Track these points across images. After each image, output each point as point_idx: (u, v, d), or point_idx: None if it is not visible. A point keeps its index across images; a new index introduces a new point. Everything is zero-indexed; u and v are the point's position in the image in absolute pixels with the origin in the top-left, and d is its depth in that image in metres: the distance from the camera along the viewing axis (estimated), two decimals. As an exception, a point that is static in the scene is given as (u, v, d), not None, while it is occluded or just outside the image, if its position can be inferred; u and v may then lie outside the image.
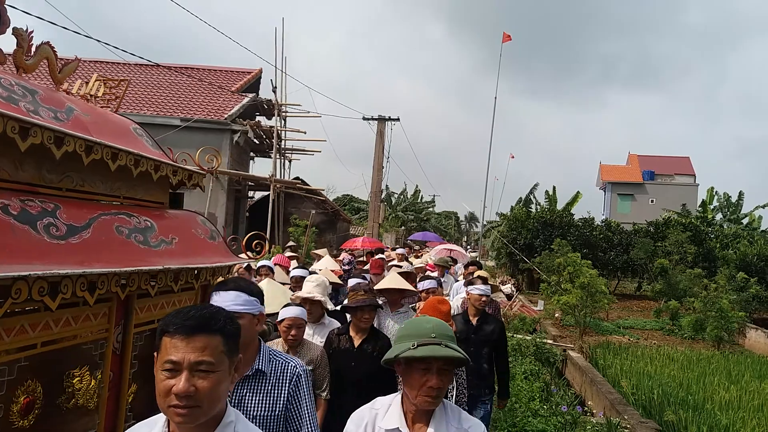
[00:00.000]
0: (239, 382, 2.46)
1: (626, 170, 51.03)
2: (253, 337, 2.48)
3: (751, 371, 10.58)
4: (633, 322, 16.50)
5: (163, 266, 2.27)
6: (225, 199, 18.45)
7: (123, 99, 3.17)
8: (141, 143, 2.72)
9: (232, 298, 2.36)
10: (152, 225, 2.44)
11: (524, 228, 24.58)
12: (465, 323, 5.29)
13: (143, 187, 2.69)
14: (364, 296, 4.18)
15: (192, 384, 1.55)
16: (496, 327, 5.38)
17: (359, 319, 4.13)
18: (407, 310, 5.50)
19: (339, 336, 4.22)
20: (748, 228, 30.29)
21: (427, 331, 2.05)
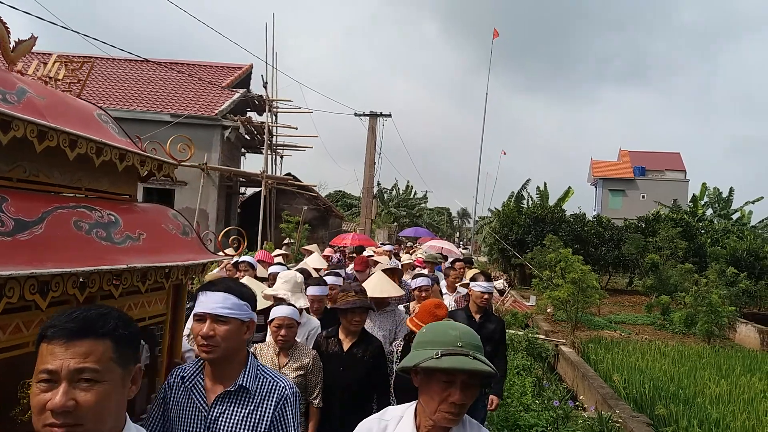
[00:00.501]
0: (219, 397, 2.19)
1: (617, 166, 51.21)
2: (240, 346, 2.23)
3: (741, 365, 10.63)
4: (624, 317, 16.55)
5: (128, 265, 2.06)
6: (216, 195, 18.37)
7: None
8: (106, 131, 2.50)
9: (219, 301, 2.16)
10: (117, 219, 2.23)
11: (516, 224, 24.62)
12: (468, 320, 5.12)
13: (108, 178, 2.48)
14: (354, 297, 3.97)
15: (71, 397, 1.31)
16: (499, 326, 5.30)
17: (349, 321, 3.93)
18: (394, 308, 5.32)
19: (327, 339, 4.03)
20: (738, 223, 30.48)
21: (452, 338, 1.82)
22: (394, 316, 5.17)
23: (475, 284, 5.36)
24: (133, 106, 18.37)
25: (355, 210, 40.65)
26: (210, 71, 22.04)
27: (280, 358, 3.68)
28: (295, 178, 23.36)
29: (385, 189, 47.96)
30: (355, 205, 41.39)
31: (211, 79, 20.82)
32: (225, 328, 2.13)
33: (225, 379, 2.19)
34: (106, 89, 19.40)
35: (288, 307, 3.72)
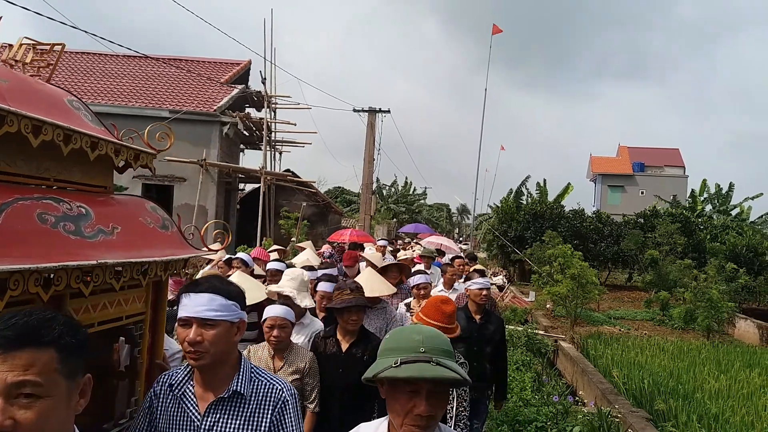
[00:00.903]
0: (212, 404, 2.04)
1: (616, 162, 51.23)
2: (230, 349, 2.08)
3: (740, 360, 10.64)
4: (624, 313, 16.57)
5: (98, 260, 1.89)
6: (215, 191, 18.36)
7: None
8: (77, 117, 2.32)
9: (205, 302, 1.99)
10: (88, 212, 2.05)
11: (515, 220, 24.62)
12: (467, 320, 4.97)
13: (80, 168, 2.30)
14: (350, 296, 3.82)
15: (9, 416, 1.17)
16: (499, 326, 5.17)
17: (346, 321, 3.77)
18: (385, 305, 5.17)
19: (325, 339, 3.89)
20: (737, 219, 30.48)
21: (415, 344, 1.67)
22: (386, 313, 5.05)
23: (470, 282, 5.25)
24: (132, 102, 18.33)
25: (354, 206, 40.64)
26: (208, 67, 21.99)
27: (275, 361, 3.55)
28: (294, 174, 23.34)
29: (384, 185, 48.00)
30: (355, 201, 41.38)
31: (210, 75, 20.77)
32: (213, 332, 1.98)
33: (217, 385, 2.05)
34: (105, 85, 19.36)
35: (282, 306, 3.58)
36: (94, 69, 20.76)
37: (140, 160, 2.65)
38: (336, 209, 27.68)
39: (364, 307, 3.87)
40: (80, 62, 21.29)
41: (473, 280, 5.22)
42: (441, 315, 3.51)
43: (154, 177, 18.12)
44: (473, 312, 5.13)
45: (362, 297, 3.90)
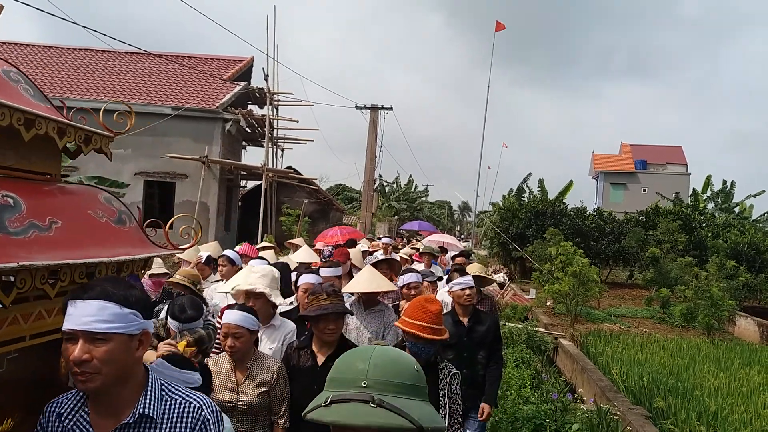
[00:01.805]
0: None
1: (619, 159, 51.20)
2: (132, 366, 1.71)
3: (740, 359, 10.66)
4: (624, 311, 16.58)
5: (19, 262, 1.57)
6: (217, 188, 18.40)
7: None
8: (13, 90, 2.02)
9: (94, 312, 1.60)
10: (17, 203, 1.76)
11: (516, 217, 24.63)
12: (455, 325, 4.59)
13: (14, 152, 1.98)
14: (327, 302, 3.38)
15: None
16: (491, 325, 4.74)
17: (322, 330, 3.33)
18: (384, 308, 4.78)
19: (299, 351, 3.45)
20: (739, 217, 30.45)
21: (357, 375, 1.27)
22: (383, 317, 4.68)
23: (452, 284, 4.84)
24: (135, 98, 18.35)
25: (356, 203, 40.66)
26: (211, 64, 22.02)
27: (237, 374, 3.20)
28: (296, 171, 23.38)
29: (386, 182, 47.99)
30: (356, 199, 41.39)
31: (212, 72, 20.80)
32: (105, 349, 1.60)
33: (119, 410, 1.69)
34: (108, 82, 19.39)
35: (238, 313, 3.19)
36: (96, 66, 20.80)
37: (93, 143, 2.33)
38: (338, 206, 27.72)
39: (342, 314, 3.46)
40: (83, 59, 21.33)
41: (454, 281, 4.83)
42: (426, 314, 3.19)
43: (156, 174, 18.17)
44: (460, 315, 4.73)
45: (341, 303, 3.48)
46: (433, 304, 3.29)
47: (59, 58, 21.20)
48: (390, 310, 4.81)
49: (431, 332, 3.16)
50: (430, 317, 3.19)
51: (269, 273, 4.00)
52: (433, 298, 3.48)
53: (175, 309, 3.40)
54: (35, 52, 21.57)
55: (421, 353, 3.15)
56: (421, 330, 3.15)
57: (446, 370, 3.30)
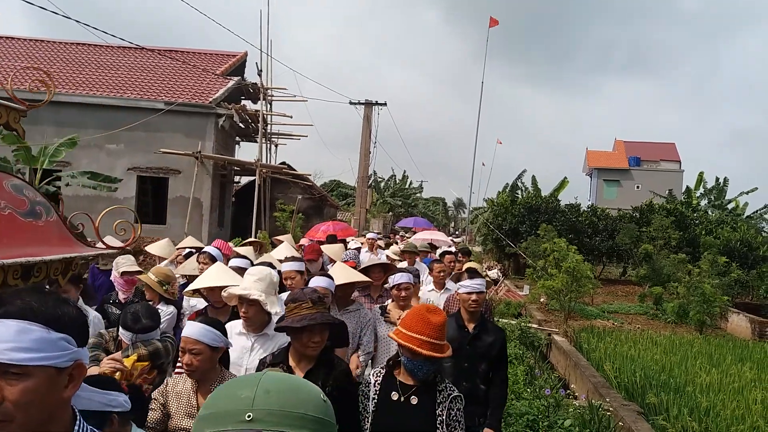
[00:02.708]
0: None
1: (612, 156, 51.33)
2: (54, 412, 1.26)
3: (732, 355, 10.71)
4: (617, 307, 16.62)
5: None
6: (210, 184, 18.32)
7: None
8: None
9: (10, 336, 1.17)
10: None
11: (510, 213, 24.65)
12: (459, 330, 4.18)
13: None
14: (312, 310, 2.89)
15: None
16: (498, 339, 4.20)
17: (305, 344, 2.85)
18: (359, 307, 4.47)
19: (273, 368, 2.97)
20: (732, 214, 30.56)
21: (240, 406, 1.00)
22: (359, 316, 4.36)
23: (460, 285, 4.44)
24: (127, 93, 18.25)
25: (350, 200, 40.62)
26: (204, 59, 21.91)
27: (200, 397, 2.76)
28: (290, 167, 23.30)
29: (380, 178, 47.97)
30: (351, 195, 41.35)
31: (206, 67, 20.69)
32: (21, 387, 1.18)
33: None
34: (100, 77, 19.26)
35: (201, 326, 2.79)
36: (89, 60, 20.66)
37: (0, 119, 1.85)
38: (332, 202, 27.66)
39: (329, 324, 2.95)
40: (75, 53, 21.18)
41: (463, 282, 4.40)
42: (427, 327, 2.77)
43: (149, 170, 18.09)
44: (465, 320, 4.27)
45: (327, 312, 3.02)
46: (436, 315, 2.85)
47: (51, 52, 21.05)
48: (365, 310, 4.51)
49: (431, 348, 2.75)
50: (431, 330, 2.78)
51: (267, 277, 3.58)
52: (436, 308, 2.97)
53: (127, 317, 3.06)
54: (27, 46, 21.41)
55: (418, 371, 2.82)
56: (420, 345, 2.75)
57: (446, 392, 2.87)
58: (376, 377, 2.99)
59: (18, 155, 11.64)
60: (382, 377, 2.98)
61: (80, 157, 16.83)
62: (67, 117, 17.37)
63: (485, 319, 4.37)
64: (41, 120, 17.22)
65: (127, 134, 17.28)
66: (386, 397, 2.89)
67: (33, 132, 15.15)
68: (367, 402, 2.93)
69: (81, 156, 16.82)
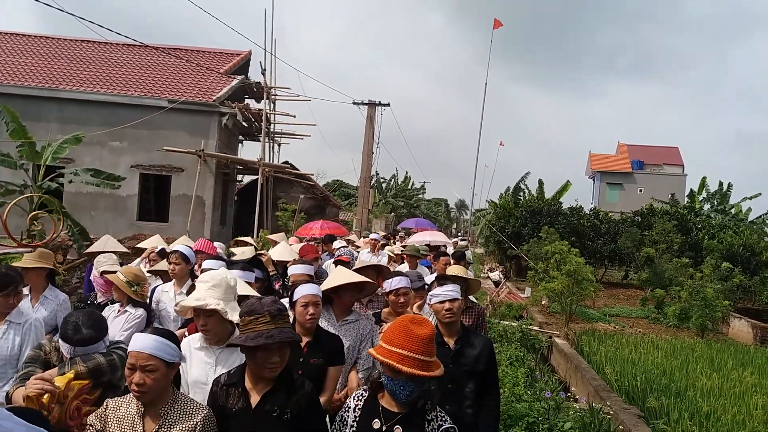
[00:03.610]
0: None
1: (615, 159, 51.28)
2: None
3: (733, 359, 10.68)
4: (619, 310, 16.60)
5: None
6: (213, 182, 18.33)
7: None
8: None
9: None
10: None
11: (512, 216, 24.64)
12: (438, 347, 3.33)
13: None
14: (270, 325, 2.49)
15: None
16: (484, 350, 3.57)
17: (261, 365, 2.48)
18: (359, 317, 3.96)
19: (227, 389, 2.60)
20: (735, 219, 30.50)
21: None
22: (359, 327, 3.89)
23: (430, 295, 3.72)
24: (131, 91, 18.27)
25: (352, 200, 40.61)
26: (208, 57, 21.92)
27: (147, 422, 2.38)
28: (293, 166, 23.31)
29: (383, 179, 47.98)
30: (353, 195, 41.34)
31: (210, 65, 20.71)
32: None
33: None
34: (104, 74, 19.29)
35: (154, 338, 2.38)
36: (93, 57, 20.69)
37: None
38: (334, 202, 27.67)
39: (291, 342, 2.55)
40: (80, 50, 21.21)
41: (432, 291, 3.71)
42: (410, 340, 2.37)
43: (152, 167, 18.10)
44: (444, 335, 3.60)
45: (287, 328, 2.59)
46: (422, 327, 2.43)
47: (56, 49, 21.08)
48: (366, 320, 4.03)
49: (415, 365, 2.33)
50: (415, 344, 2.36)
51: (222, 282, 3.14)
52: (422, 318, 2.56)
53: (67, 326, 2.71)
54: (32, 43, 21.45)
55: (400, 393, 2.40)
56: (400, 360, 2.34)
57: (436, 423, 2.47)
58: (356, 401, 2.59)
59: (22, 151, 11.67)
60: (363, 401, 2.57)
61: (83, 154, 16.86)
62: (71, 113, 17.40)
63: (467, 329, 3.73)
64: (45, 117, 17.29)
65: (130, 132, 17.30)
66: (367, 426, 2.47)
67: (37, 128, 15.24)
68: (345, 429, 2.54)
69: (84, 153, 16.85)
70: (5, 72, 18.35)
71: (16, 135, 11.45)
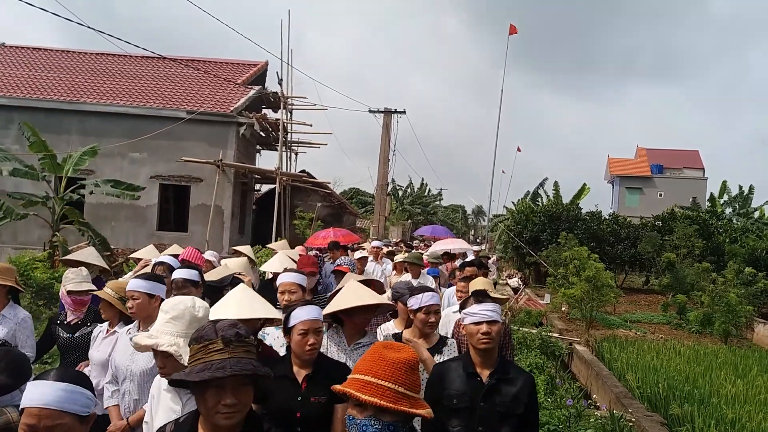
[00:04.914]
0: None
1: (635, 164, 50.82)
2: None
3: (758, 365, 10.50)
4: (640, 316, 16.41)
5: None
6: (231, 192, 18.48)
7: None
8: None
9: None
10: None
11: (530, 221, 24.51)
12: (467, 379, 2.86)
13: None
14: (223, 354, 1.86)
15: None
16: (525, 387, 2.87)
17: (211, 408, 1.83)
18: (371, 340, 3.44)
19: None
20: (757, 222, 30.07)
21: None
22: None
23: (464, 314, 3.03)
24: (150, 102, 18.51)
25: (369, 207, 40.67)
26: (226, 68, 22.15)
27: None
28: (310, 175, 23.43)
29: (399, 186, 48.01)
30: (370, 203, 41.40)
31: (227, 76, 20.92)
32: None
33: None
34: (124, 86, 19.57)
35: (62, 386, 1.79)
36: (112, 70, 21.01)
37: None
38: (351, 210, 27.73)
39: (256, 378, 1.92)
40: (99, 63, 21.55)
41: (469, 309, 2.99)
42: (378, 365, 1.83)
43: (171, 178, 18.31)
44: (476, 364, 2.90)
45: (251, 358, 1.92)
46: (395, 352, 1.90)
47: (76, 63, 21.44)
48: None
49: (381, 394, 1.77)
50: (384, 369, 1.82)
51: (185, 313, 2.56)
52: (399, 345, 1.98)
53: None
54: (53, 57, 21.83)
55: None
56: (361, 388, 1.80)
57: None
58: None
59: (44, 163, 11.88)
60: None
61: (104, 165, 17.09)
62: (92, 126, 17.66)
63: (505, 361, 3.03)
64: (66, 129, 17.58)
65: (149, 143, 17.52)
66: None
67: (58, 141, 15.50)
68: None
69: (104, 164, 17.09)
70: (28, 86, 18.70)
71: (36, 147, 11.66)
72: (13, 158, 11.92)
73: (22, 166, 11.81)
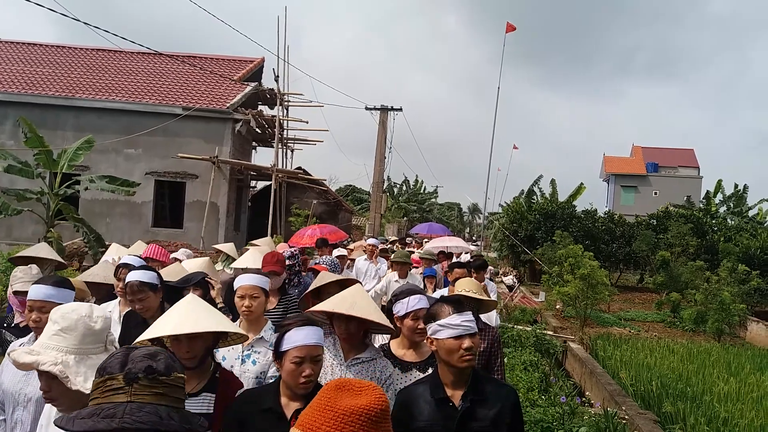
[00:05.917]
0: None
1: (630, 162, 50.90)
2: None
3: (751, 364, 10.57)
4: (634, 314, 16.48)
5: None
6: (227, 188, 18.46)
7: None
8: None
9: None
10: None
11: (526, 219, 24.56)
12: (438, 406, 2.39)
13: None
14: (121, 396, 1.45)
15: None
16: (506, 407, 2.42)
17: None
18: (375, 355, 2.95)
19: None
20: (752, 221, 30.18)
21: None
22: (373, 369, 2.89)
23: (441, 325, 2.40)
24: (146, 98, 18.46)
25: (365, 204, 40.66)
26: (222, 64, 22.09)
27: None
28: (306, 171, 23.42)
29: (395, 184, 48.01)
30: (365, 200, 41.40)
31: (223, 73, 20.87)
32: None
33: None
34: (119, 82, 19.52)
35: None
36: (109, 66, 20.94)
37: None
38: (347, 207, 27.73)
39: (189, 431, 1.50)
40: (95, 59, 21.47)
41: (440, 320, 2.41)
42: (331, 422, 1.28)
43: (166, 174, 18.27)
44: (447, 385, 2.43)
45: (171, 397, 1.51)
46: (353, 397, 1.34)
47: (72, 58, 21.36)
48: (384, 360, 2.98)
49: None
50: (332, 425, 1.29)
51: (78, 324, 2.02)
52: (359, 384, 1.39)
53: None
54: (49, 52, 21.75)
55: None
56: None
57: None
58: None
59: (39, 159, 11.83)
60: None
61: (99, 161, 17.05)
62: (87, 121, 17.61)
63: (479, 376, 2.49)
64: (62, 125, 17.52)
65: (145, 139, 17.49)
66: None
67: (54, 136, 15.44)
68: None
69: (100, 160, 17.05)
70: (23, 82, 18.63)
71: (32, 143, 11.62)
72: (8, 155, 11.87)
73: (17, 162, 11.76)
